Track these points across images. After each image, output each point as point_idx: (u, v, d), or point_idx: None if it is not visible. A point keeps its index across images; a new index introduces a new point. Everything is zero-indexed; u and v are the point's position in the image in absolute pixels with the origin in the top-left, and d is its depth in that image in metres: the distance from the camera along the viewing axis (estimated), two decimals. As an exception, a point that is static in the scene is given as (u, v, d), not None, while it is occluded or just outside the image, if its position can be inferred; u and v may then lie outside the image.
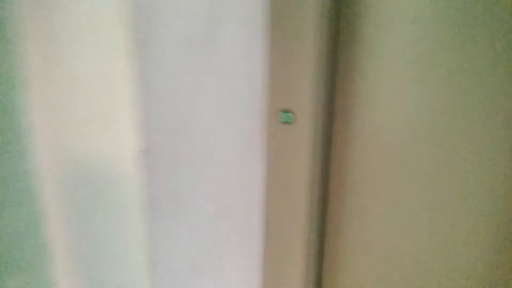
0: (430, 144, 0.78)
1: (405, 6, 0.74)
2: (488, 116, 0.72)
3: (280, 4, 0.74)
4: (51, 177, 0.77)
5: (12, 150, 0.76)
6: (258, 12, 0.73)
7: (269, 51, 0.77)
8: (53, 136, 0.73)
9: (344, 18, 0.78)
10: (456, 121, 0.75)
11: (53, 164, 0.75)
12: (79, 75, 0.65)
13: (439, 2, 0.71)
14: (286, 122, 0.80)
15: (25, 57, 0.69)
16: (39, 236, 0.87)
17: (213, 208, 0.78)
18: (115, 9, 0.59)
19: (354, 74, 0.80)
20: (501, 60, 0.69)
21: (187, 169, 0.71)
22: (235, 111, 0.75)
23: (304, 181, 0.85)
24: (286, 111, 0.79)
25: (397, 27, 0.75)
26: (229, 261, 0.83)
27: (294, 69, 0.76)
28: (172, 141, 0.67)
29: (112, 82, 0.63)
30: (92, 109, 0.66)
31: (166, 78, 0.64)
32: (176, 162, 0.69)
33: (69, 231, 0.82)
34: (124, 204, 0.70)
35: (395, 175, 0.82)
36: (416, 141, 0.79)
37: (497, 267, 0.77)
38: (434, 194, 0.79)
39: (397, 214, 0.84)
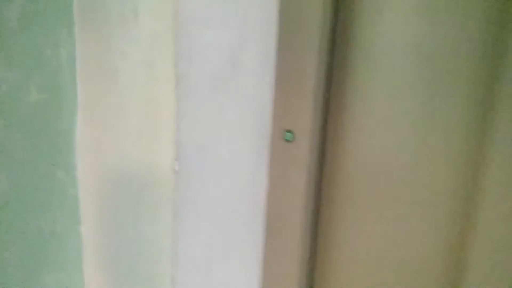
0: (420, 164, 0.95)
1: (400, 44, 0.93)
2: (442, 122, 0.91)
3: (287, 41, 0.92)
4: (92, 184, 0.93)
5: (59, 161, 0.91)
6: (270, 48, 0.91)
7: (276, 80, 0.95)
8: (98, 150, 0.88)
9: (339, 58, 0.97)
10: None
11: (95, 173, 0.90)
12: (127, 101, 0.81)
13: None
14: (288, 141, 0.98)
15: (82, 83, 0.85)
16: (75, 237, 1.01)
17: (223, 212, 0.95)
18: (164, 48, 0.76)
19: (346, 103, 0.98)
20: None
21: (208, 178, 0.87)
22: (247, 131, 0.92)
23: (300, 192, 1.02)
24: (288, 131, 0.97)
25: (388, 63, 0.93)
26: (235, 256, 0.99)
27: (296, 96, 0.94)
28: (199, 155, 0.84)
29: (155, 108, 0.79)
30: (137, 128, 0.82)
31: (197, 105, 0.81)
32: (200, 171, 0.85)
33: (103, 232, 0.96)
34: (157, 206, 0.85)
35: (382, 190, 0.99)
36: (402, 160, 0.96)
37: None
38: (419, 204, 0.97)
39: (384, 225, 1.01)
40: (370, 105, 0.95)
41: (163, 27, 0.75)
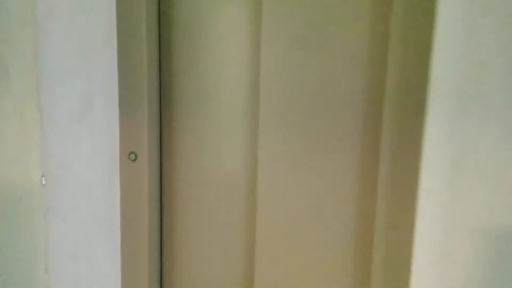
0: (239, 173, 1.37)
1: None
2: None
3: (125, 87, 1.29)
4: None
5: None
6: (113, 91, 1.27)
7: (120, 116, 1.31)
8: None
9: (166, 100, 1.36)
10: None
11: None
12: (4, 137, 1.09)
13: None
14: (132, 160, 1.33)
15: None
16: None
17: (85, 216, 1.26)
18: (30, 97, 1.07)
19: (175, 130, 1.37)
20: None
21: (70, 189, 1.18)
22: (101, 153, 1.25)
23: (145, 198, 1.37)
24: (132, 152, 1.32)
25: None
26: (98, 248, 1.30)
27: (135, 126, 1.30)
28: (61, 172, 1.14)
29: (26, 140, 1.09)
30: (12, 156, 1.10)
31: (59, 136, 1.12)
32: (63, 185, 1.16)
33: None
34: (30, 213, 1.14)
35: (206, 197, 1.39)
36: (222, 172, 1.37)
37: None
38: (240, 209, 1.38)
39: (208, 225, 1.40)
40: (191, 132, 1.36)
41: (29, 82, 1.06)
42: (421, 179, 0.95)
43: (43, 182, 1.08)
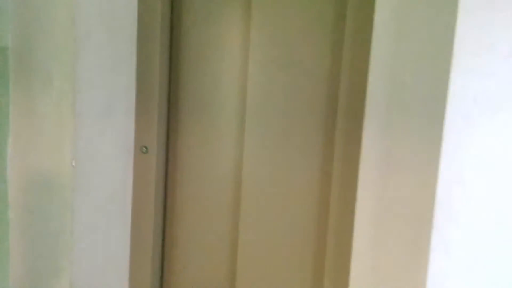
0: (241, 168, 1.68)
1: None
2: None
3: (141, 94, 1.61)
4: (18, 180, 1.49)
5: None
6: (131, 99, 1.59)
7: (135, 116, 1.63)
8: (24, 157, 1.46)
9: (174, 103, 1.68)
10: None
11: (21, 172, 1.47)
12: (45, 129, 1.42)
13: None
14: (144, 153, 1.65)
15: (13, 118, 1.43)
16: (5, 218, 1.54)
17: (104, 195, 1.57)
18: (67, 99, 1.40)
19: (180, 127, 1.69)
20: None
21: (93, 172, 1.50)
22: (119, 146, 1.58)
23: (153, 186, 1.68)
24: (144, 146, 1.64)
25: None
26: (114, 224, 1.61)
27: (147, 124, 1.63)
28: (87, 158, 1.46)
29: (62, 132, 1.41)
30: (50, 143, 1.43)
31: (87, 130, 1.45)
32: (89, 168, 1.48)
33: (25, 213, 1.51)
34: (62, 189, 1.45)
35: (209, 191, 1.70)
36: (224, 166, 1.68)
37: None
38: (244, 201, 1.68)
39: (211, 218, 1.70)
40: (192, 129, 1.68)
41: (67, 88, 1.39)
42: (360, 169, 1.24)
43: (73, 165, 1.39)
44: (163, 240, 1.78)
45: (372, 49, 1.20)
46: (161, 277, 1.80)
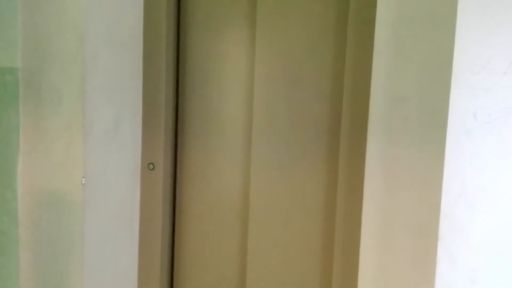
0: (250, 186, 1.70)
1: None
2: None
3: (147, 112, 1.65)
4: (28, 198, 1.51)
5: (7, 184, 1.50)
6: (138, 117, 1.63)
7: (142, 135, 1.66)
8: (34, 175, 1.49)
9: (182, 122, 1.72)
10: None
11: (31, 190, 1.50)
12: (54, 148, 1.45)
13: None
14: (151, 169, 1.68)
15: (23, 138, 1.47)
16: (15, 235, 1.56)
17: (112, 212, 1.60)
18: (77, 119, 1.43)
19: (187, 147, 1.72)
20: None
21: (103, 189, 1.53)
22: (127, 163, 1.61)
23: (160, 203, 1.71)
24: (151, 163, 1.67)
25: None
26: (122, 240, 1.63)
27: (153, 142, 1.66)
28: (96, 176, 1.49)
29: (71, 150, 1.44)
30: (59, 162, 1.46)
31: (95, 149, 1.48)
32: (97, 186, 1.50)
33: (34, 230, 1.53)
34: (72, 206, 1.48)
35: (215, 208, 1.72)
36: (231, 186, 1.71)
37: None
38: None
39: (217, 232, 1.73)
40: (199, 147, 1.71)
41: (76, 107, 1.42)
42: (365, 182, 1.27)
43: (83, 182, 1.42)
44: (172, 254, 1.80)
45: (373, 65, 1.24)
46: (169, 292, 1.82)
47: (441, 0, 1.14)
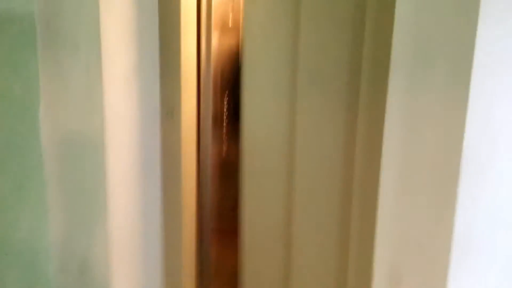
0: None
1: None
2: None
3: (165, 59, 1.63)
4: (52, 142, 1.54)
5: (28, 128, 1.52)
6: (157, 64, 1.62)
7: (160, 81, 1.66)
8: (56, 122, 1.51)
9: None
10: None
11: (54, 135, 1.52)
12: (74, 96, 1.46)
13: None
14: (169, 117, 1.68)
15: (43, 85, 1.47)
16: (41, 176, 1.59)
17: (133, 153, 1.62)
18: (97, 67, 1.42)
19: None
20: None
21: (122, 131, 1.54)
22: (152, 112, 1.62)
23: (180, 151, 1.72)
24: (170, 110, 1.67)
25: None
26: (145, 195, 1.67)
27: (172, 90, 1.65)
28: (115, 119, 1.50)
29: (94, 95, 1.45)
30: (81, 107, 1.47)
31: (117, 96, 1.48)
32: (118, 127, 1.52)
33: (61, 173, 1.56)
34: (92, 143, 1.50)
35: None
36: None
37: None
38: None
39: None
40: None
41: (93, 53, 1.42)
42: (385, 125, 1.25)
43: (104, 127, 1.44)
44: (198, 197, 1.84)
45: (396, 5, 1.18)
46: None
47: None
